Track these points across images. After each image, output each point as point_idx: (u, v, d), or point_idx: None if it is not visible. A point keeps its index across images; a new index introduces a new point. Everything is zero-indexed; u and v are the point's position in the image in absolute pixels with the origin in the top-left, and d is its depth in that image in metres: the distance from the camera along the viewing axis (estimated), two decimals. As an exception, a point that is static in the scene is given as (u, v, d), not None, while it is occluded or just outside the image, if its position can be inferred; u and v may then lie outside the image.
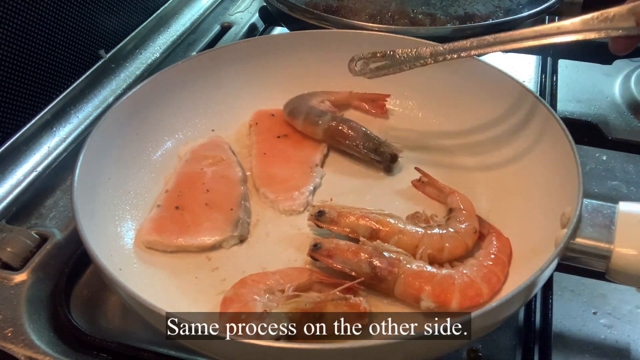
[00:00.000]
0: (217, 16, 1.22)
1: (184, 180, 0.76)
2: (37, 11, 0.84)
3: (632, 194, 0.81)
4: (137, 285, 0.55)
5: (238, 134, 0.87)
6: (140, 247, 0.69)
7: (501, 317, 0.56)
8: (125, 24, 1.03)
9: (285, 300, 0.60)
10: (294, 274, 0.65)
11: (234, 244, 0.70)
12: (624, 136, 0.91)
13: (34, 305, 0.67)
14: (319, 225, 0.69)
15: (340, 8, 1.03)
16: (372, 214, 0.68)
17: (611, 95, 1.00)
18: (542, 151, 0.72)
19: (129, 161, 0.77)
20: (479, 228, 0.68)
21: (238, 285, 0.63)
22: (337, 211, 0.69)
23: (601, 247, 0.57)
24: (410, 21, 1.00)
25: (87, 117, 0.91)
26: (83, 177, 0.66)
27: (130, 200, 0.74)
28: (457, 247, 0.66)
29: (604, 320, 0.66)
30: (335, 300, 0.59)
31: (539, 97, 0.74)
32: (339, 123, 0.82)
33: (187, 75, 0.84)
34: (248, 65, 0.89)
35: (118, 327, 0.66)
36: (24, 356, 0.62)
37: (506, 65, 1.07)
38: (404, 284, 0.61)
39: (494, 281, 0.62)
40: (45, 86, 0.88)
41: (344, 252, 0.63)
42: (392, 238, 0.66)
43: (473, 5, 1.04)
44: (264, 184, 0.77)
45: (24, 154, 0.82)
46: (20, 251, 0.70)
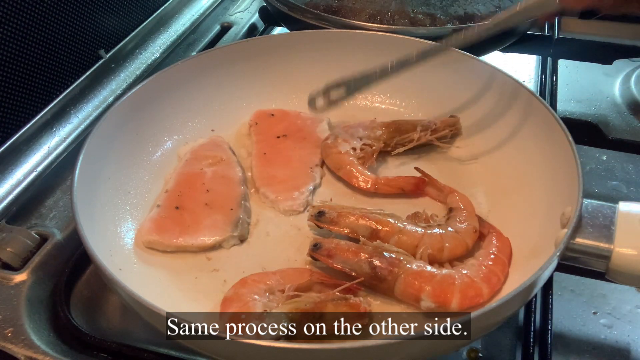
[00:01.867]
0: (217, 16, 1.22)
1: (184, 180, 0.76)
2: (37, 11, 0.84)
3: (632, 194, 0.81)
4: (137, 285, 0.55)
5: (238, 134, 0.87)
6: (140, 247, 0.69)
7: (501, 317, 0.56)
8: (125, 24, 1.03)
9: (285, 301, 0.60)
10: (294, 274, 0.65)
11: (234, 244, 0.70)
12: (624, 136, 0.91)
13: (34, 305, 0.67)
14: (319, 226, 0.69)
15: (340, 8, 1.03)
16: (372, 214, 0.68)
17: (611, 95, 1.00)
18: (542, 151, 0.72)
19: (129, 161, 0.77)
20: (478, 227, 0.68)
21: (238, 285, 0.63)
22: (337, 211, 0.68)
23: (601, 247, 0.57)
24: (410, 21, 1.00)
25: (87, 117, 0.91)
26: (83, 177, 0.66)
27: (130, 200, 0.74)
28: (458, 246, 0.66)
29: (604, 320, 0.66)
30: (335, 301, 0.59)
31: (539, 97, 0.74)
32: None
33: (187, 75, 0.84)
34: (248, 65, 0.89)
35: (118, 327, 0.66)
36: (24, 356, 0.62)
37: (506, 65, 1.08)
38: (404, 284, 0.61)
39: (494, 281, 0.62)
40: (45, 86, 0.88)
41: (344, 252, 0.63)
42: (392, 238, 0.66)
43: (473, 5, 1.04)
44: (264, 184, 0.77)
45: (24, 154, 0.82)
46: (20, 251, 0.70)
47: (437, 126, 0.81)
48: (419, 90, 0.88)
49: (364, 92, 0.90)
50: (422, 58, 0.76)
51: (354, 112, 0.90)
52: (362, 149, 0.80)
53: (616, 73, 1.05)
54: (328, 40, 0.90)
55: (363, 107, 0.91)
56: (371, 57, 0.89)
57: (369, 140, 0.81)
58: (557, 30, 1.14)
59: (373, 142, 0.81)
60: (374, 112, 0.90)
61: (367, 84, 0.78)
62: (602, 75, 1.05)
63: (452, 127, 0.82)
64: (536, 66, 1.08)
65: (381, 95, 0.91)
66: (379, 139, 0.81)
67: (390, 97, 0.91)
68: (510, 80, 0.78)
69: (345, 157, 0.79)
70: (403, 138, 0.81)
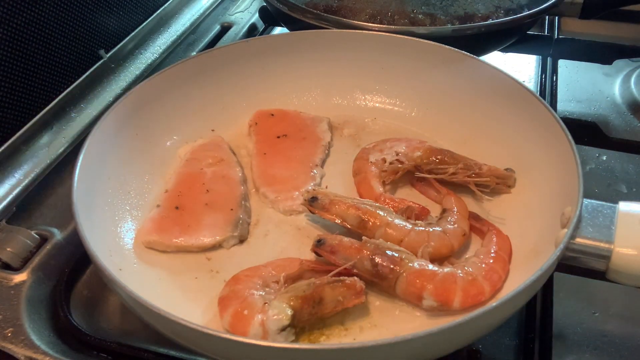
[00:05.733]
0: (217, 16, 1.22)
1: (184, 180, 0.76)
2: (37, 11, 0.84)
3: (632, 194, 0.81)
4: (137, 285, 0.55)
5: (238, 134, 0.87)
6: (140, 247, 0.69)
7: (501, 317, 0.56)
8: (125, 24, 1.03)
9: (282, 290, 0.60)
10: (285, 264, 0.65)
11: (233, 244, 0.70)
12: (624, 136, 0.91)
13: (34, 305, 0.67)
14: (312, 211, 0.70)
15: (340, 8, 1.03)
16: (363, 205, 0.69)
17: (611, 95, 1.00)
18: (542, 151, 0.72)
19: (129, 161, 0.76)
20: (469, 232, 0.69)
21: (232, 282, 0.63)
22: (330, 198, 0.69)
23: (601, 247, 0.57)
24: (410, 21, 1.00)
25: (87, 117, 0.91)
26: (83, 177, 0.66)
27: (130, 200, 0.74)
28: (442, 246, 0.66)
29: (604, 320, 0.66)
30: (332, 283, 0.60)
31: (539, 97, 0.74)
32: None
33: (187, 75, 0.84)
34: (248, 65, 0.89)
35: (118, 327, 0.66)
36: (24, 356, 0.62)
37: (506, 65, 1.08)
38: (406, 283, 0.61)
39: (495, 279, 0.62)
40: (45, 86, 0.88)
41: (347, 249, 0.63)
42: (379, 230, 0.67)
43: (473, 5, 1.04)
44: (264, 184, 0.77)
45: (24, 154, 0.82)
46: (20, 251, 0.70)
47: (481, 171, 0.74)
48: (419, 90, 0.88)
49: (364, 92, 0.91)
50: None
51: (354, 112, 0.91)
52: (392, 163, 0.77)
53: (616, 73, 1.05)
54: (328, 40, 0.90)
55: (363, 107, 0.91)
56: (371, 57, 0.89)
57: (403, 158, 0.77)
58: (557, 30, 1.14)
59: (406, 160, 0.77)
60: (374, 112, 0.90)
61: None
62: (602, 75, 1.05)
63: (500, 179, 0.74)
64: (536, 66, 1.08)
65: (381, 95, 0.91)
66: (413, 159, 0.77)
67: (390, 97, 0.91)
68: (510, 80, 0.78)
69: (368, 166, 0.78)
70: (437, 167, 0.76)
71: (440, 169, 0.76)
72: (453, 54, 0.83)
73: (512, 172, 0.74)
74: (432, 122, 0.87)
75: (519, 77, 0.82)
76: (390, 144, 0.80)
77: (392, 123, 0.89)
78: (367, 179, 0.77)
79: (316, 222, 0.73)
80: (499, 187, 0.74)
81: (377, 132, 0.87)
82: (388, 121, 0.89)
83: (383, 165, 0.77)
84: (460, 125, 0.84)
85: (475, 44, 0.92)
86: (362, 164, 0.79)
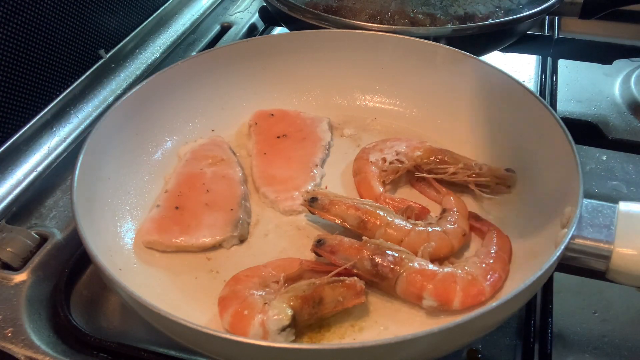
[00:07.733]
0: (217, 16, 1.22)
1: (184, 180, 0.76)
2: (37, 11, 0.84)
3: (632, 194, 0.81)
4: (137, 285, 0.56)
5: (238, 134, 0.87)
6: (140, 247, 0.69)
7: (501, 318, 0.56)
8: (125, 24, 1.03)
9: (282, 290, 0.60)
10: (284, 265, 0.65)
11: (234, 244, 0.70)
12: (624, 136, 0.91)
13: (34, 305, 0.67)
14: (311, 211, 0.70)
15: (340, 8, 1.03)
16: (363, 205, 0.69)
17: (611, 95, 1.00)
18: (542, 151, 0.72)
19: (129, 161, 0.77)
20: (469, 232, 0.69)
21: (232, 282, 0.63)
22: (330, 199, 0.69)
23: (601, 247, 0.57)
24: (410, 21, 1.00)
25: (87, 117, 0.91)
26: (83, 178, 0.66)
27: (130, 200, 0.74)
28: (443, 246, 0.66)
29: (604, 320, 0.66)
30: (332, 283, 0.60)
31: (539, 97, 0.74)
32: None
33: (187, 75, 0.84)
34: (248, 65, 0.89)
35: (118, 327, 0.66)
36: (24, 356, 0.62)
37: (506, 65, 1.08)
38: (406, 282, 0.61)
39: (495, 279, 0.62)
40: (45, 86, 0.88)
41: (347, 249, 0.63)
42: (379, 230, 0.67)
43: (473, 5, 1.04)
44: (264, 184, 0.77)
45: (24, 154, 0.82)
46: (20, 251, 0.70)
47: (481, 171, 0.74)
48: (419, 90, 0.88)
49: (364, 92, 0.91)
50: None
51: (354, 112, 0.91)
52: (392, 163, 0.77)
53: (616, 73, 1.05)
54: (328, 40, 0.90)
55: (363, 107, 0.91)
56: (371, 57, 0.89)
57: (404, 158, 0.77)
58: (557, 30, 1.14)
59: (406, 160, 0.77)
60: (374, 112, 0.90)
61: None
62: (602, 75, 1.05)
63: (500, 179, 0.74)
64: (536, 66, 1.08)
65: (381, 95, 0.91)
66: (414, 159, 0.77)
67: (390, 97, 0.91)
68: (511, 80, 0.78)
69: (368, 165, 0.78)
70: (437, 167, 0.76)
71: (440, 169, 0.76)
72: (453, 54, 0.83)
73: (512, 172, 0.74)
74: (432, 122, 0.87)
75: (519, 77, 0.82)
76: (390, 144, 0.80)
77: (392, 123, 0.89)
78: (367, 179, 0.77)
79: (316, 222, 0.73)
80: (499, 187, 0.74)
81: (377, 132, 0.88)
82: (388, 121, 0.89)
83: (383, 165, 0.77)
84: (460, 125, 0.84)
85: (475, 44, 0.92)
86: (362, 164, 0.79)
